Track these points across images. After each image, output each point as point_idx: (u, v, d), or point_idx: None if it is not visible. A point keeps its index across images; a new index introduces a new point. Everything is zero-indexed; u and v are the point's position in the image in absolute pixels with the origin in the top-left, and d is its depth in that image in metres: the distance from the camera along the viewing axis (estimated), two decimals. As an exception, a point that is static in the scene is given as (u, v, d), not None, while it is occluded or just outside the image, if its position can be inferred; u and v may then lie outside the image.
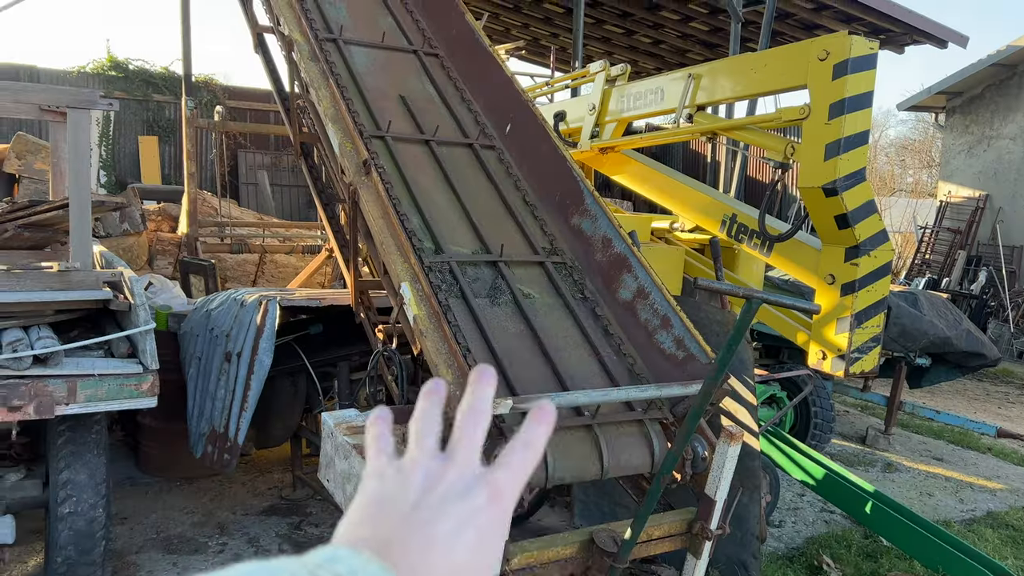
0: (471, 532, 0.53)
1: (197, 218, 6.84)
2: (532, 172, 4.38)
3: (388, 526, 0.53)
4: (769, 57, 4.79)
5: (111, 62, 15.28)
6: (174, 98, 15.40)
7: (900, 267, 17.29)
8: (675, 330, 3.31)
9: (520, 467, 0.58)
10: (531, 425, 0.60)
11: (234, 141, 15.07)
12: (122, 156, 15.10)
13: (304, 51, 4.19)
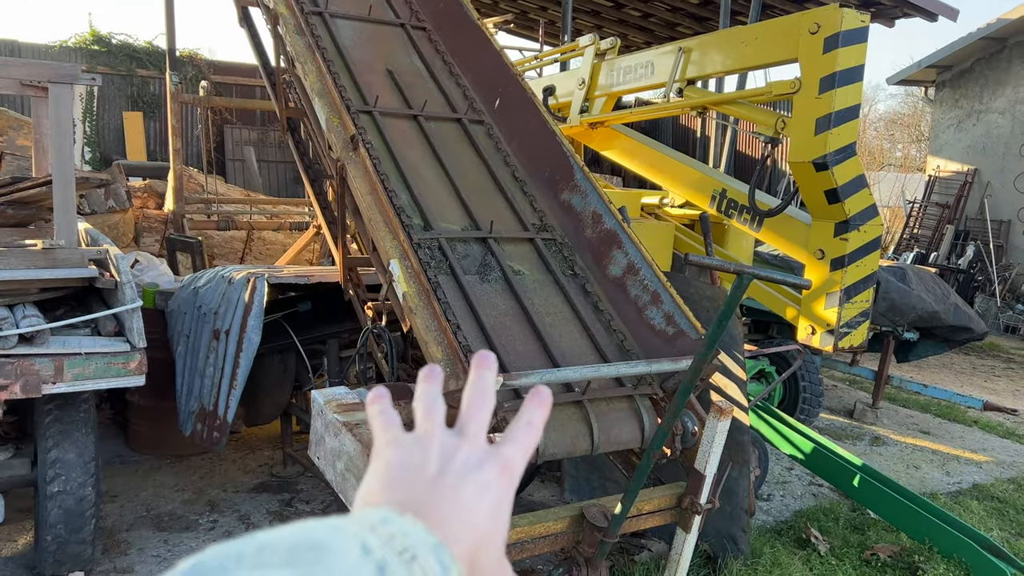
0: (488, 500, 0.56)
1: (183, 195, 6.77)
2: (521, 147, 4.35)
3: (418, 490, 0.55)
4: (760, 30, 4.76)
5: (93, 36, 15.03)
6: (159, 73, 15.18)
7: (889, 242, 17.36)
8: (665, 306, 3.30)
9: (524, 444, 0.62)
10: (531, 407, 0.63)
11: (220, 117, 14.89)
12: (106, 132, 14.90)
13: (290, 24, 4.13)
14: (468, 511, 0.54)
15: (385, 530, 0.47)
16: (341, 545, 0.44)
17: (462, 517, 0.54)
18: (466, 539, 0.53)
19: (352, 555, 0.44)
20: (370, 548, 0.45)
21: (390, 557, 0.45)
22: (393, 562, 0.45)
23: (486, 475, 0.58)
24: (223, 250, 7.50)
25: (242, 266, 4.92)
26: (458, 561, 0.50)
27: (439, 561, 0.47)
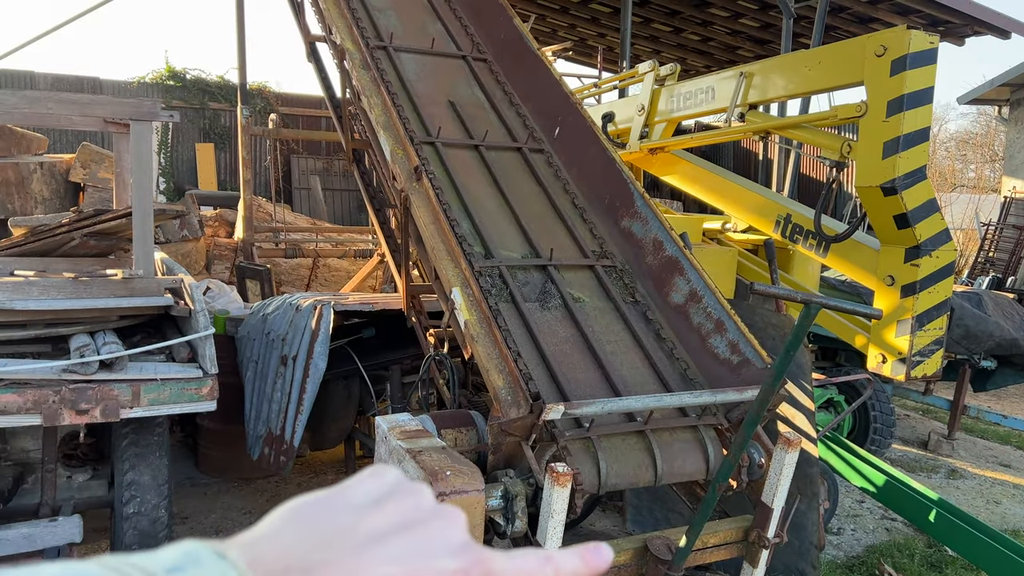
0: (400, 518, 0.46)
1: (253, 224, 6.99)
2: (581, 175, 4.36)
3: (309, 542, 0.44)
4: (823, 54, 4.69)
5: (169, 72, 15.72)
6: (229, 105, 15.76)
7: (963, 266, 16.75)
8: (729, 334, 3.26)
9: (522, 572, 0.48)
10: (573, 555, 0.50)
11: (287, 147, 15.36)
12: (180, 163, 15.51)
13: (356, 59, 4.25)
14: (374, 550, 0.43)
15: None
16: None
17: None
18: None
19: None
20: None
21: None
22: None
23: (432, 562, 0.45)
24: (290, 277, 7.70)
25: (309, 293, 5.04)
26: None
27: None
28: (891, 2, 12.84)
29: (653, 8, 15.31)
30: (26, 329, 3.21)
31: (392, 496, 0.48)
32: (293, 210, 12.90)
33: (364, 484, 0.49)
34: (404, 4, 5.14)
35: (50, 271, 3.82)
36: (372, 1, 5.00)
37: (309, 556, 0.43)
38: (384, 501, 0.48)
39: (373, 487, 0.49)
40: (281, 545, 0.44)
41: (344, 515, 0.46)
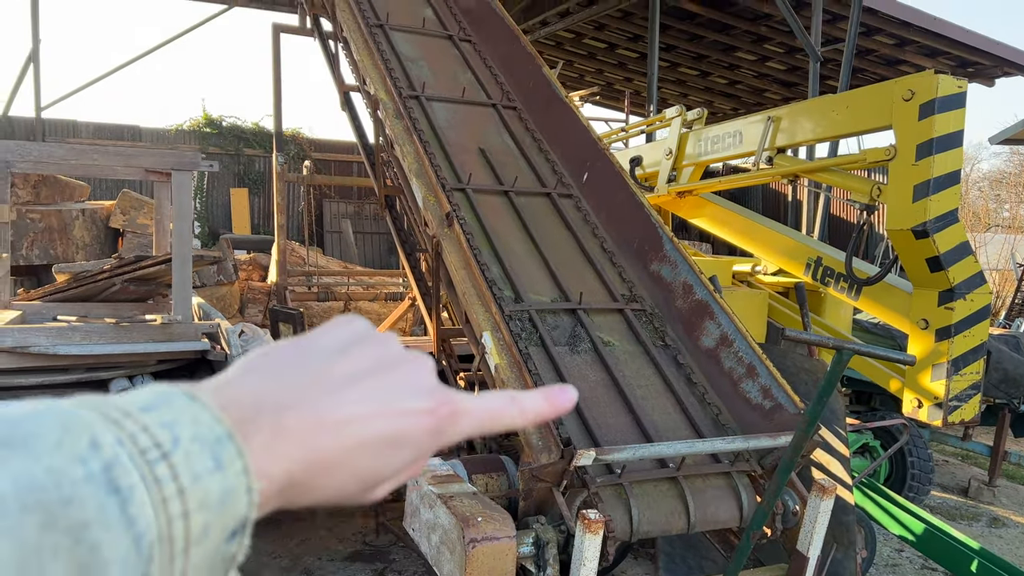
0: (381, 430, 0.46)
1: (286, 268, 7.12)
2: (610, 219, 4.40)
3: (279, 383, 0.45)
4: (851, 98, 4.72)
5: (206, 120, 16.17)
6: (264, 151, 16.14)
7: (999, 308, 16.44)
8: (761, 379, 3.24)
9: (487, 413, 0.51)
10: (538, 395, 0.53)
11: (319, 191, 15.64)
12: (215, 207, 15.85)
13: (389, 109, 4.36)
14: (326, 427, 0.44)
15: (139, 420, 0.38)
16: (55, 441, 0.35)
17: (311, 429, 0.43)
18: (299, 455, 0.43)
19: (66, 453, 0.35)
20: (100, 444, 0.36)
21: (124, 456, 0.36)
22: (125, 462, 0.36)
23: (409, 402, 0.47)
24: (322, 320, 7.78)
25: (340, 337, 5.09)
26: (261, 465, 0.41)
27: (215, 457, 0.39)
28: (918, 44, 12.86)
29: (680, 53, 15.49)
30: (68, 373, 3.29)
31: (361, 343, 0.49)
32: (325, 253, 13.10)
33: (332, 332, 0.50)
34: (436, 55, 5.27)
35: (91, 316, 3.92)
36: (405, 52, 5.14)
37: (280, 397, 0.44)
38: (353, 347, 0.48)
39: (342, 334, 0.50)
40: (251, 387, 0.44)
41: (313, 360, 0.47)
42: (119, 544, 0.35)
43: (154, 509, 0.36)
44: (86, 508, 0.34)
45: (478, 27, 5.69)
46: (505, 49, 5.43)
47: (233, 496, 0.39)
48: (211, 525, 0.38)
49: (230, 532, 0.40)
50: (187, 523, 0.37)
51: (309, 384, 0.45)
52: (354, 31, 4.95)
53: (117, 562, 0.35)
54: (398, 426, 0.46)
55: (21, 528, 0.32)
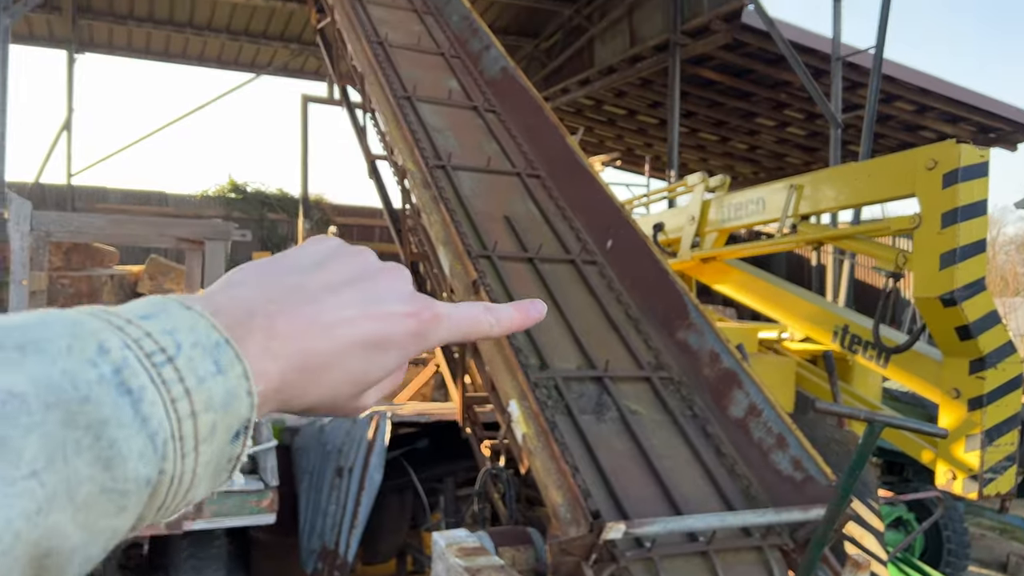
0: (366, 333, 0.48)
1: (310, 332, 7.16)
2: (634, 286, 4.42)
3: (271, 289, 0.47)
4: (874, 167, 4.75)
5: (232, 186, 16.53)
6: (287, 216, 16.42)
7: (1030, 372, 16.11)
8: (791, 450, 3.19)
9: (465, 319, 0.53)
10: (510, 307, 0.56)
11: (343, 255, 15.83)
12: (238, 271, 16.09)
13: (417, 179, 4.45)
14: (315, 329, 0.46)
15: (141, 327, 0.39)
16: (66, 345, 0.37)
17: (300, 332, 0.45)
18: (291, 357, 0.45)
19: (77, 357, 0.36)
20: (108, 348, 0.37)
21: (132, 359, 0.38)
22: (134, 364, 0.38)
23: (393, 307, 0.49)
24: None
25: (365, 403, 5.10)
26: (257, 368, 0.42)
27: (215, 361, 0.40)
28: (939, 111, 12.97)
29: (700, 119, 15.71)
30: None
31: (338, 256, 0.51)
32: (347, 316, 13.17)
33: (308, 248, 0.52)
34: (461, 125, 5.40)
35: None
36: (431, 123, 5.27)
37: (267, 304, 0.45)
38: (330, 260, 0.51)
39: (318, 250, 0.52)
40: (238, 297, 0.46)
41: (294, 273, 0.49)
42: (135, 441, 0.37)
43: (165, 409, 0.38)
44: (102, 407, 0.36)
45: (502, 98, 5.83)
46: (529, 119, 5.55)
47: (235, 398, 0.41)
48: (217, 425, 0.40)
49: (234, 433, 0.41)
50: (195, 423, 0.39)
51: (294, 292, 0.47)
52: (382, 102, 5.09)
53: (134, 458, 0.37)
54: (384, 329, 0.49)
55: (45, 424, 0.34)
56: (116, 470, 0.36)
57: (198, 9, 14.37)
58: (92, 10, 14.16)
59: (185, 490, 0.40)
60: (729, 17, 11.27)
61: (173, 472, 0.38)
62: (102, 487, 0.36)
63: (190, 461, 0.39)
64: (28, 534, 0.33)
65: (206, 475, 0.41)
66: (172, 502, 0.40)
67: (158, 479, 0.38)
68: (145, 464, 0.37)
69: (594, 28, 14.08)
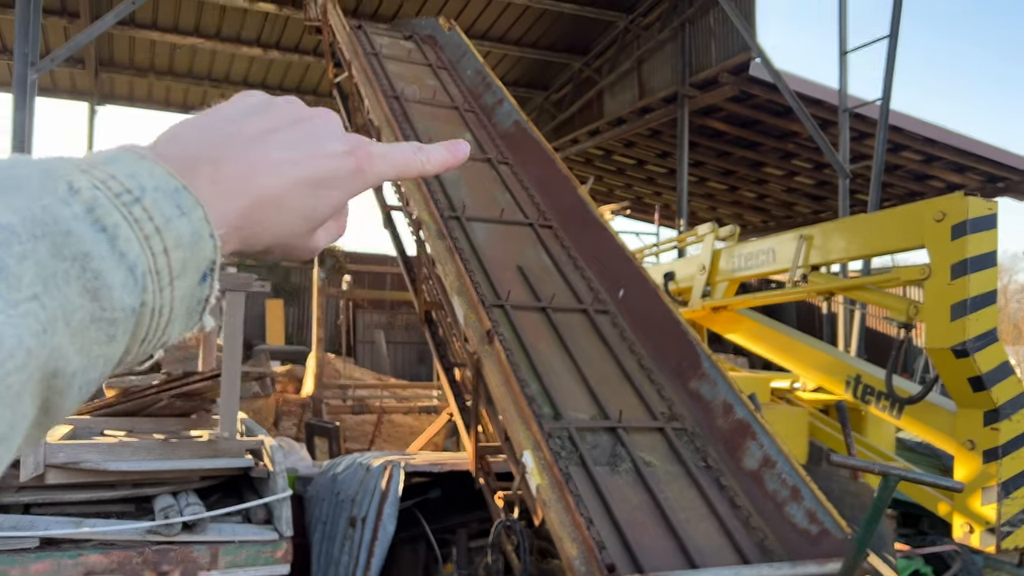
0: (309, 170, 0.50)
1: (323, 381, 7.20)
2: (647, 336, 4.45)
3: (213, 138, 0.49)
4: (883, 218, 4.81)
5: (248, 233, 16.71)
6: (299, 264, 16.58)
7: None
8: (806, 502, 3.18)
9: (398, 157, 0.56)
10: (440, 146, 0.59)
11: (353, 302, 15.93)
12: (249, 318, 16.13)
13: (432, 230, 4.53)
14: (261, 170, 0.48)
15: (104, 170, 0.42)
16: (39, 185, 0.39)
17: (248, 173, 0.48)
18: (243, 197, 0.47)
19: (51, 195, 0.39)
20: (78, 188, 0.40)
21: (103, 199, 0.40)
22: (105, 204, 0.40)
23: (330, 146, 0.52)
24: (354, 433, 7.81)
25: (379, 453, 5.11)
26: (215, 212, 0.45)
27: (177, 205, 0.43)
28: (946, 160, 13.07)
29: (708, 168, 15.88)
30: (115, 489, 3.34)
31: (270, 105, 0.53)
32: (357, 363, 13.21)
33: (238, 101, 0.53)
34: (475, 177, 5.50)
35: (136, 431, 4.00)
36: (446, 175, 5.38)
37: (211, 152, 0.48)
38: (264, 108, 0.52)
39: (248, 102, 0.53)
40: (181, 148, 0.48)
41: (230, 122, 0.50)
42: (117, 273, 0.39)
43: (140, 245, 0.41)
44: (83, 241, 0.39)
45: (515, 150, 5.95)
46: (541, 171, 5.66)
47: (200, 239, 0.43)
48: (187, 263, 0.43)
49: (202, 274, 0.44)
50: (168, 258, 0.42)
51: (234, 138, 0.49)
52: (398, 156, 5.20)
53: (118, 288, 0.39)
54: (326, 167, 0.51)
55: (37, 253, 0.37)
56: (103, 300, 0.39)
57: (216, 63, 14.74)
58: (114, 64, 14.54)
59: (164, 325, 0.43)
60: (736, 70, 11.48)
61: (153, 304, 0.41)
62: (92, 316, 0.39)
63: (167, 295, 0.42)
64: (38, 352, 0.36)
65: (181, 312, 0.44)
66: (152, 335, 0.42)
67: (140, 310, 0.41)
68: (128, 294, 0.40)
69: (603, 80, 14.34)
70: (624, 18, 13.40)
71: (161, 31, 13.30)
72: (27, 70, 6.65)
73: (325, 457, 6.12)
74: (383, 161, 0.54)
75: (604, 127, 14.57)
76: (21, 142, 6.58)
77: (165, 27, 13.27)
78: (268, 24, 13.31)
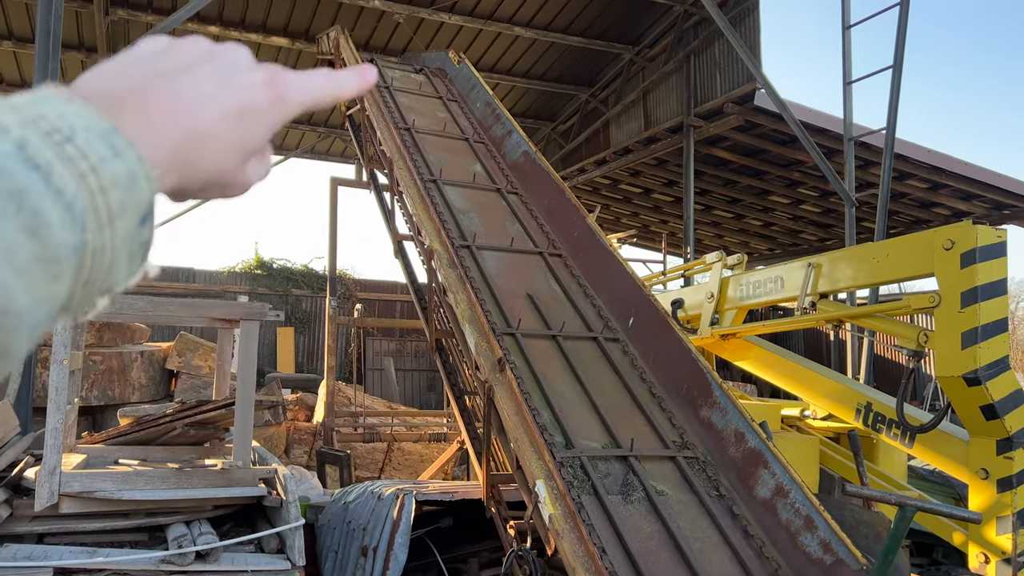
0: (231, 102, 0.51)
1: (334, 408, 7.21)
2: (657, 364, 4.47)
3: (135, 77, 0.49)
4: (891, 247, 4.83)
5: (258, 262, 16.85)
6: (311, 292, 16.67)
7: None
8: (820, 532, 3.17)
9: (312, 83, 0.56)
10: (350, 71, 0.59)
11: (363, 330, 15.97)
12: (261, 346, 16.19)
13: (443, 259, 4.58)
14: (187, 108, 0.48)
15: (33, 110, 0.41)
16: None
17: (173, 109, 0.48)
18: (172, 133, 0.47)
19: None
20: (6, 126, 0.40)
21: (32, 137, 0.40)
22: (36, 141, 0.40)
23: (248, 75, 0.52)
24: (364, 460, 7.80)
25: (391, 481, 5.10)
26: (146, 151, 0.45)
27: (110, 145, 0.43)
28: (952, 188, 13.10)
29: (714, 196, 15.94)
30: (128, 518, 3.36)
31: (176, 44, 0.53)
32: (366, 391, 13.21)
33: (144, 45, 0.53)
34: (486, 207, 5.56)
35: (150, 459, 4.02)
36: (457, 204, 5.44)
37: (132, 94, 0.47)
38: (171, 48, 0.52)
39: (155, 45, 0.53)
40: (103, 91, 0.47)
41: (143, 64, 0.50)
42: (55, 211, 0.39)
43: (75, 182, 0.40)
44: (16, 178, 0.38)
45: (524, 181, 6.02)
46: (550, 200, 5.71)
47: (136, 179, 0.43)
48: (126, 204, 0.43)
49: (141, 216, 0.44)
50: (106, 197, 0.42)
51: (151, 79, 0.49)
52: (410, 186, 5.27)
53: (57, 225, 0.39)
54: (244, 98, 0.51)
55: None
56: (44, 238, 0.39)
57: (229, 94, 14.91)
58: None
59: (107, 266, 0.43)
60: (741, 100, 11.58)
61: (94, 244, 0.41)
62: (34, 255, 0.38)
63: (107, 235, 0.42)
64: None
65: (123, 255, 0.44)
66: (96, 277, 0.42)
67: (82, 248, 0.40)
68: (68, 232, 0.39)
69: (610, 111, 14.48)
70: (630, 50, 13.55)
71: (174, 64, 13.48)
72: (45, 103, 6.75)
73: (336, 485, 6.12)
74: (300, 88, 0.55)
75: (611, 157, 14.68)
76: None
77: (178, 60, 13.45)
78: (281, 58, 13.51)
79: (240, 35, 12.42)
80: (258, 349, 12.32)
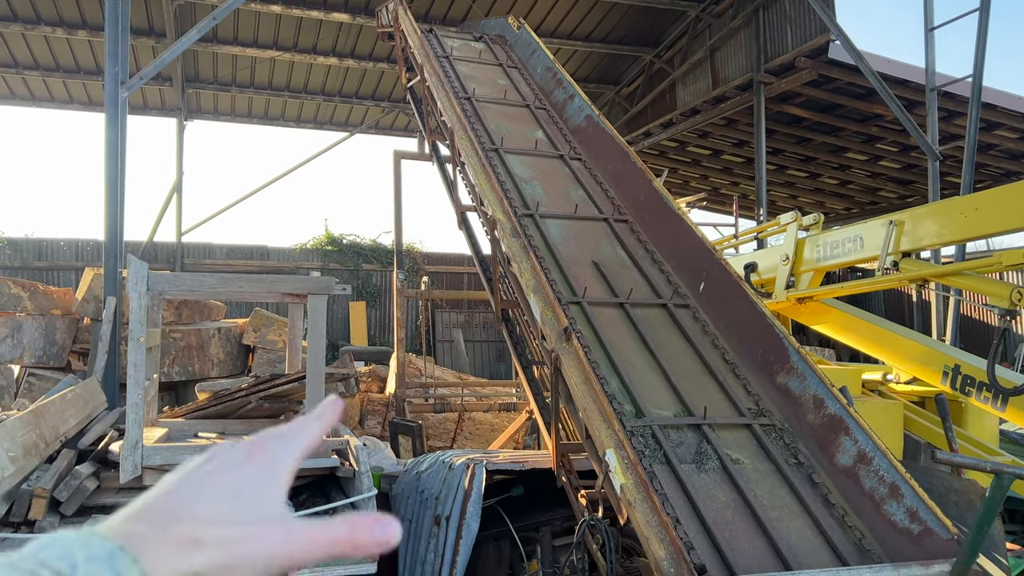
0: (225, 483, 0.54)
1: (405, 380, 7.30)
2: (729, 329, 4.33)
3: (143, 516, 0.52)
4: (981, 200, 4.55)
5: (328, 238, 17.16)
6: (380, 266, 16.90)
7: None
8: (906, 500, 3.03)
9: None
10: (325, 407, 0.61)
11: (432, 303, 16.13)
12: (334, 320, 16.58)
13: (506, 228, 4.52)
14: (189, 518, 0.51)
15: (35, 559, 0.45)
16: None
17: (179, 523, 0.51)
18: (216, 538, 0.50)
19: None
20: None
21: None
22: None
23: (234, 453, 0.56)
24: (436, 431, 7.89)
25: (462, 451, 5.14)
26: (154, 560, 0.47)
27: (112, 568, 0.45)
28: (1045, 136, 12.34)
29: (787, 156, 15.42)
30: (209, 489, 3.45)
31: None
32: (436, 362, 13.37)
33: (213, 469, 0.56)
34: (548, 174, 5.47)
35: (228, 432, 4.12)
36: (519, 173, 5.37)
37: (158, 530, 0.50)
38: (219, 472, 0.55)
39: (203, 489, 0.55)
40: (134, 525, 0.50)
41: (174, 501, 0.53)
42: None
43: None
44: None
45: (588, 145, 5.89)
46: (615, 165, 5.58)
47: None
48: None
49: None
50: None
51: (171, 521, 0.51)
52: (472, 156, 5.22)
53: None
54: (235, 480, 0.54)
55: None
56: None
57: (295, 74, 15.14)
58: (199, 79, 15.12)
59: None
60: (814, 53, 11.10)
61: None
62: None
63: None
64: None
65: None
66: None
67: None
68: None
69: (675, 72, 14.10)
70: (695, 7, 13.13)
71: (242, 46, 13.75)
72: (118, 89, 6.94)
73: (409, 455, 6.20)
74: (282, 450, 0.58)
75: (677, 118, 14.32)
76: (115, 159, 6.88)
77: (245, 42, 13.72)
78: (343, 34, 13.58)
79: (302, 12, 12.53)
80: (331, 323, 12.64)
